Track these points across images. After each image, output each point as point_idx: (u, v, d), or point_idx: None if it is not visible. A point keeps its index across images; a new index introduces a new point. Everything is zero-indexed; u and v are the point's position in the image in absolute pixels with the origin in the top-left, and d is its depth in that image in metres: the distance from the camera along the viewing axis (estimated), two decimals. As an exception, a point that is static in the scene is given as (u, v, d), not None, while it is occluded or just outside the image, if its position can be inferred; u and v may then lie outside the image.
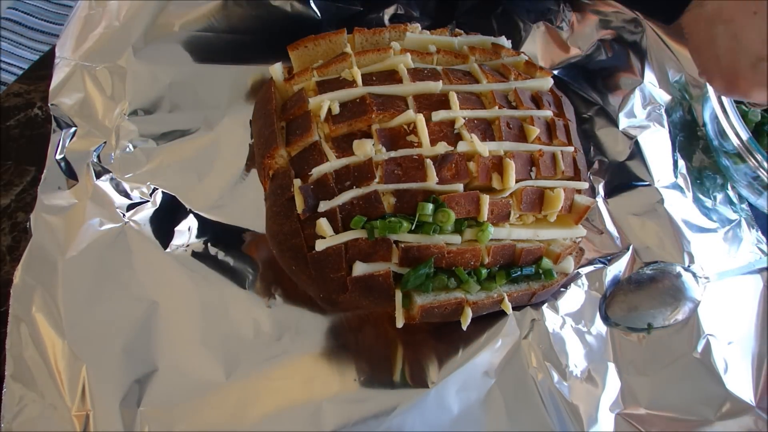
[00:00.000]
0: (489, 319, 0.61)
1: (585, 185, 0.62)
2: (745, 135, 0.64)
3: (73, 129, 0.69)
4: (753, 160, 0.64)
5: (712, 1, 0.57)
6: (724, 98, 0.66)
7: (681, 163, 0.74)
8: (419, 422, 0.57)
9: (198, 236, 0.65)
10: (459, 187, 0.56)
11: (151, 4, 0.76)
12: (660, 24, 0.82)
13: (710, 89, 0.67)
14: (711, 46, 0.58)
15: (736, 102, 0.67)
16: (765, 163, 0.63)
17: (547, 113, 0.62)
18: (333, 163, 0.57)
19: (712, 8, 0.57)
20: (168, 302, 0.61)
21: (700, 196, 0.72)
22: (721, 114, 0.65)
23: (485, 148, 0.57)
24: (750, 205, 0.72)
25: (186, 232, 0.65)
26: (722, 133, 0.67)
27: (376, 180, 0.56)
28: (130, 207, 0.65)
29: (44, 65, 0.74)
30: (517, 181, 0.58)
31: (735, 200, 0.72)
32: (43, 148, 0.68)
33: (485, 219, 0.56)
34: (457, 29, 0.71)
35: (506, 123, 0.60)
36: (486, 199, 0.56)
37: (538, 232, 0.59)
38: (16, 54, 0.81)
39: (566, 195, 0.60)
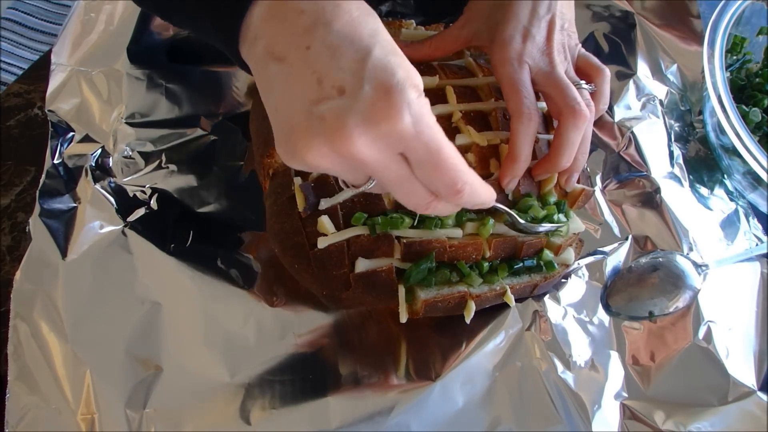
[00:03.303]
0: (491, 311, 0.61)
1: None
2: (744, 134, 0.64)
3: (70, 134, 0.69)
4: (752, 159, 0.64)
5: (262, 39, 0.41)
6: (723, 97, 0.66)
7: (677, 153, 0.74)
8: (425, 416, 0.57)
9: (198, 237, 0.65)
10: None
11: (146, 7, 0.76)
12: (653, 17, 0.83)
13: (709, 86, 0.67)
14: (270, 93, 0.42)
15: (736, 102, 0.68)
16: (764, 162, 0.63)
17: (543, 105, 0.62)
18: (333, 160, 0.57)
19: (263, 45, 0.41)
20: (170, 303, 0.61)
21: (697, 185, 0.73)
22: (720, 113, 0.65)
23: (483, 138, 0.57)
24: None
25: (186, 233, 0.65)
26: (721, 130, 0.67)
27: (376, 177, 0.56)
28: (129, 209, 0.65)
29: (44, 65, 0.74)
30: None
31: (731, 189, 0.73)
32: (43, 149, 0.68)
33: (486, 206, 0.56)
34: (451, 25, 0.71)
35: (502, 114, 0.60)
36: None
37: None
38: (16, 54, 0.81)
39: (562, 174, 0.60)
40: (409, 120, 0.39)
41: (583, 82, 0.60)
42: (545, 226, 0.58)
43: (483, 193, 0.45)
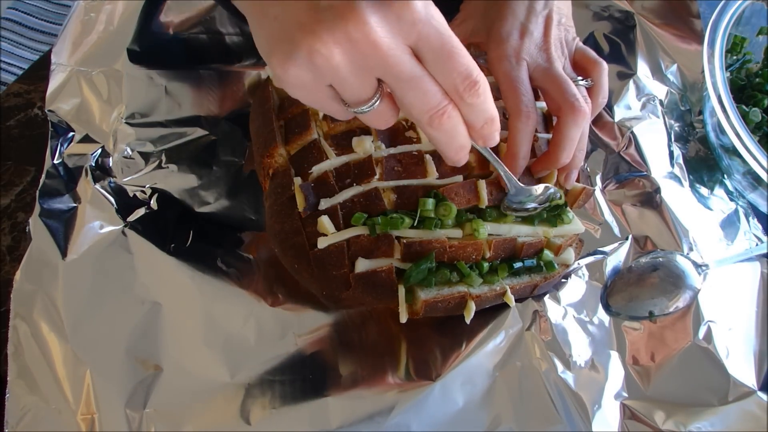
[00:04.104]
0: (491, 311, 0.61)
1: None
2: (744, 134, 0.64)
3: (70, 134, 0.69)
4: (752, 159, 0.64)
5: None
6: (723, 97, 0.66)
7: (677, 153, 0.74)
8: (425, 416, 0.57)
9: (198, 237, 0.65)
10: (459, 179, 0.57)
11: (146, 7, 0.76)
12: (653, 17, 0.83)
13: (709, 86, 0.67)
14: (266, 7, 0.42)
15: (736, 102, 0.68)
16: (764, 162, 0.63)
17: (543, 104, 0.62)
18: (333, 160, 0.57)
19: None
20: (170, 303, 0.61)
21: (697, 185, 0.73)
22: (720, 113, 0.65)
23: None
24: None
25: (186, 233, 0.65)
26: (721, 130, 0.67)
27: (377, 177, 0.56)
28: (129, 209, 0.65)
29: (44, 65, 0.74)
30: None
31: (731, 189, 0.73)
32: (43, 149, 0.68)
33: (486, 204, 0.57)
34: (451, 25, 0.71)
35: (502, 113, 0.60)
36: (483, 184, 0.56)
37: (538, 230, 0.60)
38: (16, 54, 0.81)
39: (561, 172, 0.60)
40: (421, 3, 0.39)
41: (580, 78, 0.59)
42: (538, 192, 0.56)
43: (491, 100, 0.43)
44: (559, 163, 0.57)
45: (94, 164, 0.68)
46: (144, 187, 0.67)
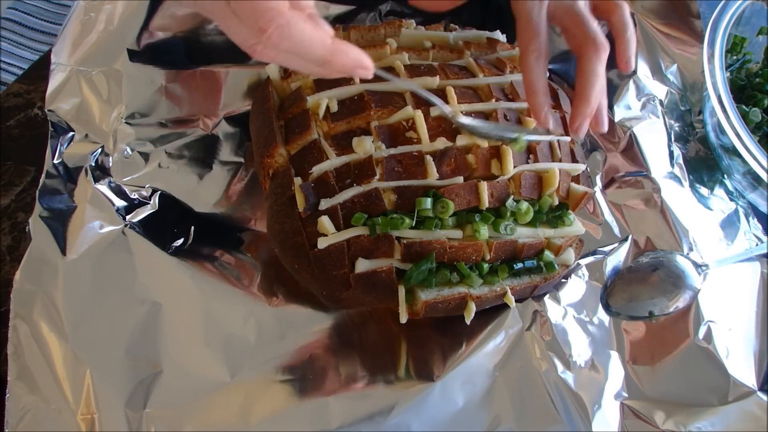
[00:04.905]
0: (492, 312, 0.61)
1: (582, 167, 0.62)
2: (744, 134, 0.64)
3: (70, 134, 0.69)
4: (752, 159, 0.64)
5: None
6: (723, 97, 0.66)
7: (677, 153, 0.74)
8: (425, 416, 0.57)
9: (198, 237, 0.65)
10: (459, 180, 0.57)
11: (146, 6, 0.76)
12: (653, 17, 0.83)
13: (709, 86, 0.67)
14: None
15: (736, 102, 0.68)
16: (764, 162, 0.63)
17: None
18: (333, 161, 0.57)
19: None
20: (170, 303, 0.61)
21: (697, 185, 0.73)
22: (720, 113, 0.65)
23: (483, 139, 0.57)
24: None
25: (186, 233, 0.65)
26: (721, 130, 0.67)
27: (377, 177, 0.56)
28: (129, 209, 0.65)
29: (44, 65, 0.74)
30: (514, 167, 0.58)
31: (731, 189, 0.73)
32: (43, 149, 0.68)
33: (486, 206, 0.56)
34: (451, 24, 0.71)
35: (503, 114, 0.60)
36: (484, 186, 0.56)
37: (538, 232, 0.60)
38: (16, 54, 0.81)
39: (563, 178, 0.60)
40: None
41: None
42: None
43: None
44: (591, 102, 0.55)
45: (94, 164, 0.68)
46: (144, 187, 0.67)
